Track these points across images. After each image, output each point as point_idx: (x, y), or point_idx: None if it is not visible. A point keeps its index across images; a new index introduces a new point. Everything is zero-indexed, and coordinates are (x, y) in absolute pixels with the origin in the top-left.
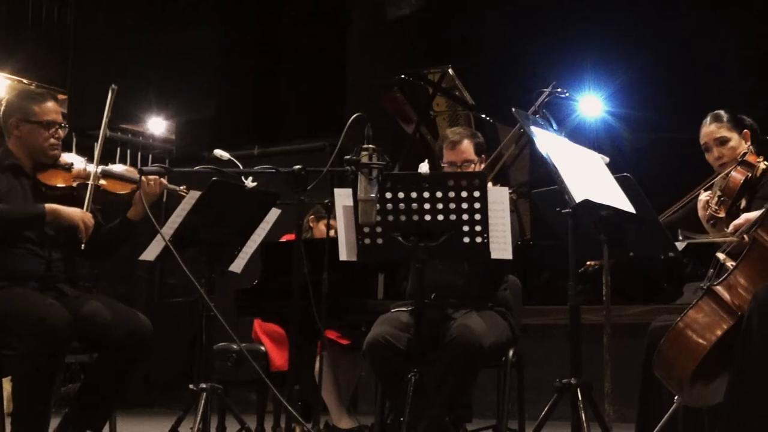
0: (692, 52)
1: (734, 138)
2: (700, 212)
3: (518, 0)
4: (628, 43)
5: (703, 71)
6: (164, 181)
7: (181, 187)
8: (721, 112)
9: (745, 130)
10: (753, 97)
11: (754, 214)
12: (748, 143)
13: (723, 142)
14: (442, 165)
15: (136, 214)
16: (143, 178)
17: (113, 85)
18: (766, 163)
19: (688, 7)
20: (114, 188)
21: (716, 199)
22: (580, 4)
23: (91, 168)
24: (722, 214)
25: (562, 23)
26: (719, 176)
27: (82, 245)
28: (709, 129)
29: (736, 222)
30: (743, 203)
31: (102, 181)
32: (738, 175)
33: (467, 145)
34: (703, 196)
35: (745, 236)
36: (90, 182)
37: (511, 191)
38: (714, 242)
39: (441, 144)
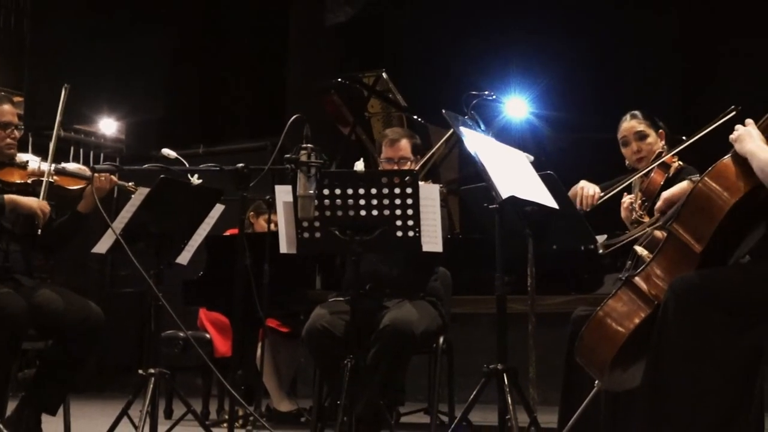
0: (610, 56)
1: (652, 135)
2: (624, 213)
3: (448, 8)
4: (550, 49)
5: (621, 75)
6: (114, 177)
7: (130, 184)
8: (638, 111)
9: (660, 130)
10: (670, 99)
11: (673, 191)
12: (663, 142)
13: (642, 136)
14: (380, 161)
15: (86, 208)
16: (95, 174)
17: (66, 84)
18: (680, 163)
19: (607, 15)
20: (67, 184)
21: (639, 202)
22: (506, 11)
23: (46, 166)
24: (646, 219)
25: (490, 30)
26: (637, 177)
27: (39, 231)
28: (629, 124)
29: (657, 205)
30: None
31: (55, 178)
32: (657, 177)
33: (405, 144)
34: (626, 198)
35: (658, 233)
36: (44, 179)
37: (441, 187)
38: (635, 237)
39: (381, 141)
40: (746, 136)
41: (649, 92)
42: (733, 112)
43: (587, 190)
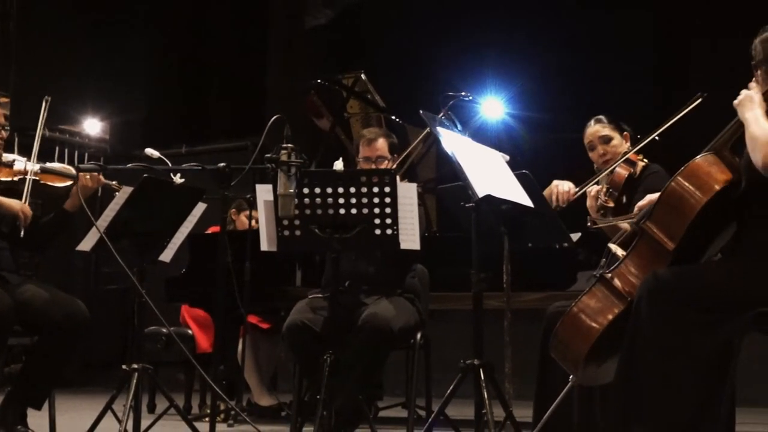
0: (584, 57)
1: (616, 137)
2: (590, 202)
3: (426, 11)
4: (525, 51)
5: (595, 75)
6: (102, 177)
7: (113, 182)
8: (602, 116)
9: (625, 133)
10: (643, 99)
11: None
12: (628, 143)
13: (607, 140)
14: (358, 160)
15: (72, 206)
16: (80, 173)
17: (47, 96)
18: (645, 161)
19: (580, 16)
20: (52, 182)
21: (605, 190)
22: (482, 14)
23: (30, 165)
24: (611, 204)
25: (466, 33)
26: (604, 173)
27: (21, 233)
28: (594, 129)
29: (641, 203)
30: (624, 199)
31: (41, 176)
32: (622, 171)
33: (382, 143)
34: (593, 188)
35: (625, 224)
36: (29, 177)
37: (417, 186)
38: (618, 223)
39: (358, 141)
40: (747, 102)
41: (623, 92)
42: (699, 99)
43: (562, 186)
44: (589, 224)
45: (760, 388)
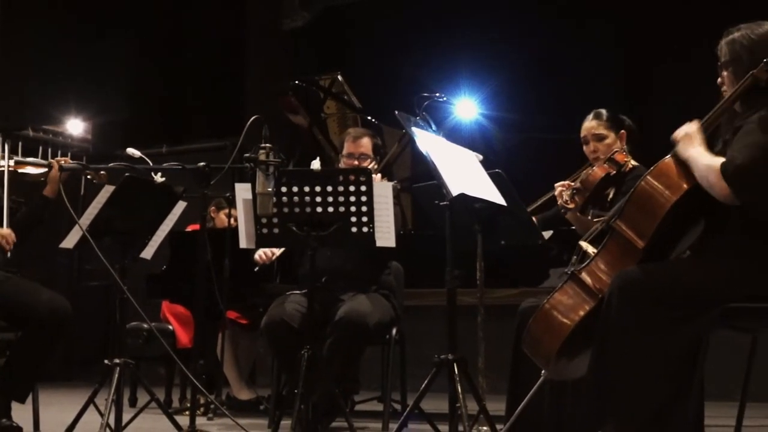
0: (556, 60)
1: (610, 136)
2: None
3: (401, 14)
4: (498, 53)
5: (566, 77)
6: (68, 159)
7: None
8: (603, 111)
9: (622, 131)
10: (613, 102)
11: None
12: (623, 142)
13: (600, 138)
14: (341, 156)
15: (51, 192)
16: (53, 160)
17: (7, 139)
18: (633, 162)
19: (553, 20)
20: (26, 169)
21: (570, 191)
22: (456, 17)
23: (4, 162)
24: (572, 206)
25: (441, 35)
26: (583, 171)
27: (8, 255)
28: (589, 124)
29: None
30: (611, 194)
31: (15, 167)
32: (599, 171)
33: (367, 142)
34: (558, 185)
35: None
36: (5, 169)
37: (394, 184)
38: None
39: (343, 138)
40: (687, 141)
41: (593, 95)
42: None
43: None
44: (590, 217)
45: (727, 382)
